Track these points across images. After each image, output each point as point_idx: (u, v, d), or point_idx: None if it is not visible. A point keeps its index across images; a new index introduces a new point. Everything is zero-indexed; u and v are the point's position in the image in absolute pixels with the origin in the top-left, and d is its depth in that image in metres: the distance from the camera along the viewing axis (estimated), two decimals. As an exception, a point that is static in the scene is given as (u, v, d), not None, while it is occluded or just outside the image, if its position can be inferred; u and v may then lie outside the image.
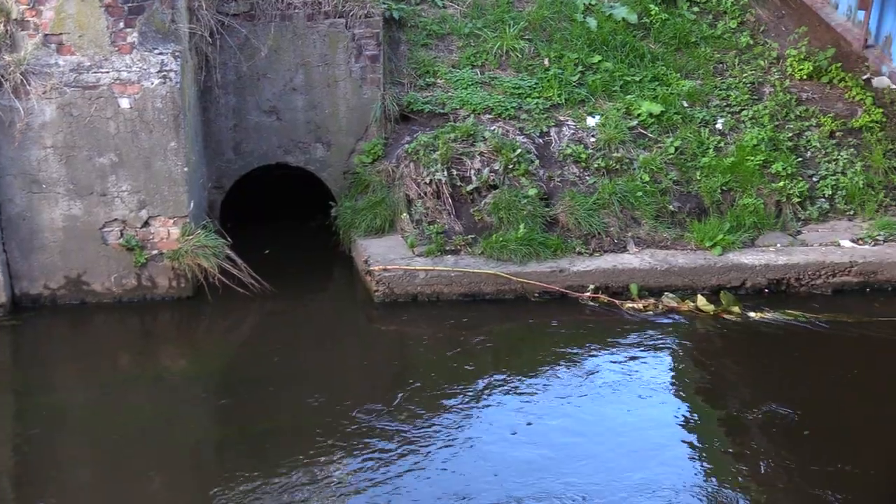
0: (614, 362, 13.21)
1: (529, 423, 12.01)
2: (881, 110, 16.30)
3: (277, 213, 15.74)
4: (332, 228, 15.30)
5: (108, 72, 13.20)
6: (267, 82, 15.07)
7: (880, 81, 16.48)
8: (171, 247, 13.80)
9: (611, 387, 12.71)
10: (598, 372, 13.01)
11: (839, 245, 15.00)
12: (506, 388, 12.66)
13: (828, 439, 11.82)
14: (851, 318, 14.11)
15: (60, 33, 13.16)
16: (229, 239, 14.16)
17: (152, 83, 13.24)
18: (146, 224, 13.71)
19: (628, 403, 12.43)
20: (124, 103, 13.27)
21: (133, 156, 13.45)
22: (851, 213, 15.56)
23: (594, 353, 13.42)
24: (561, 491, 10.86)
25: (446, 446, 11.56)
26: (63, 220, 13.58)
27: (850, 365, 13.35)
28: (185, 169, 13.60)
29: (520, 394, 12.53)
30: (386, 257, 14.43)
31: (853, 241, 15.07)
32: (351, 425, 11.87)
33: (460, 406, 12.27)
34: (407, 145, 15.20)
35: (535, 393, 12.56)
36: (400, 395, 12.47)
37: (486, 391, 12.58)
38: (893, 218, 15.43)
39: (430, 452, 11.46)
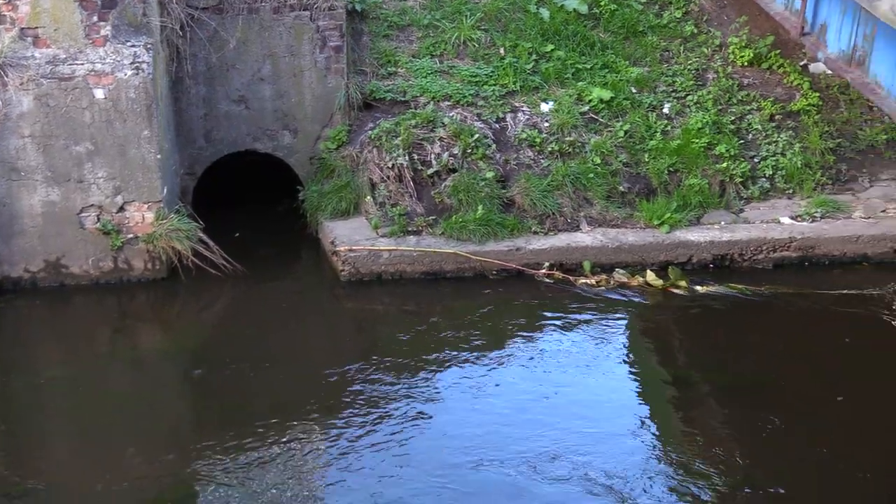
0: (569, 335, 13.27)
1: (491, 391, 12.10)
2: (817, 94, 16.39)
3: (247, 198, 15.67)
4: (300, 212, 15.25)
5: (82, 64, 13.12)
6: (236, 73, 14.99)
7: (816, 67, 16.57)
8: (145, 231, 13.73)
9: (566, 357, 12.78)
10: (554, 343, 13.08)
11: (779, 222, 15.07)
12: (468, 359, 12.71)
13: (771, 403, 11.95)
14: (791, 291, 14.21)
15: (36, 27, 13.06)
16: (201, 223, 14.09)
17: (125, 74, 13.17)
18: (122, 209, 13.64)
19: (583, 372, 12.52)
20: (99, 94, 13.20)
21: (108, 144, 13.38)
22: (790, 191, 15.62)
23: (550, 326, 13.47)
24: (520, 453, 10.97)
25: (413, 415, 11.61)
26: (42, 206, 13.48)
27: (791, 333, 13.49)
28: (159, 156, 13.55)
29: (481, 365, 12.58)
30: (351, 238, 14.40)
31: (792, 218, 15.15)
32: (321, 397, 11.90)
33: (425, 377, 12.31)
34: (370, 132, 15.16)
35: (496, 364, 12.62)
36: (367, 367, 12.49)
37: (449, 363, 12.62)
38: (830, 196, 15.51)
39: (397, 419, 11.51)
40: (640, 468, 10.85)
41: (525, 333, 13.28)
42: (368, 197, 14.77)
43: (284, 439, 11.09)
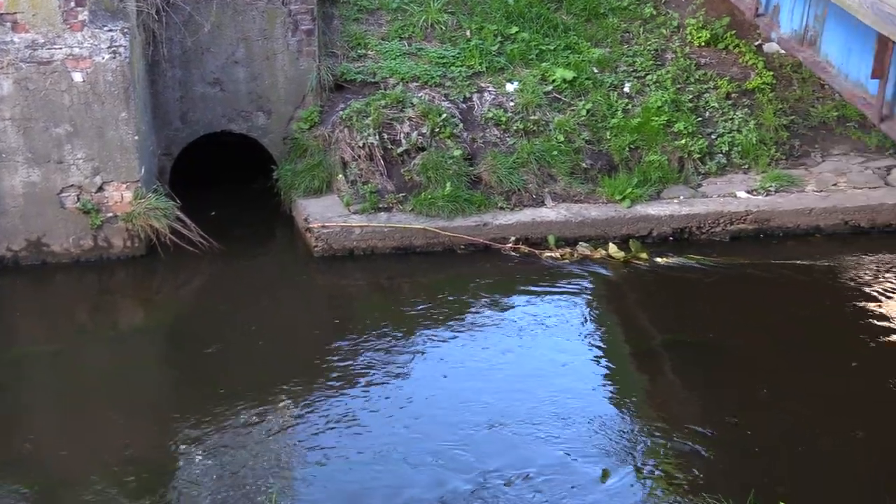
0: (535, 305, 13.30)
1: (463, 360, 12.16)
2: (771, 73, 16.45)
3: (223, 178, 15.58)
4: (274, 190, 15.19)
5: (61, 48, 13.02)
6: (210, 56, 14.90)
7: (770, 47, 16.61)
8: (124, 209, 13.65)
9: (533, 327, 12.81)
10: (521, 314, 13.10)
11: (736, 196, 15.12)
12: (438, 330, 12.71)
13: (727, 365, 12.10)
14: (747, 261, 14.27)
15: (15, 12, 12.94)
16: (179, 201, 14.03)
17: (103, 58, 13.08)
18: (101, 189, 13.55)
19: (550, 341, 12.57)
20: (77, 77, 13.11)
21: (87, 126, 13.29)
22: (746, 166, 15.67)
23: (517, 298, 13.49)
24: (489, 416, 11.02)
25: (387, 384, 11.62)
26: (23, 187, 13.38)
27: (747, 301, 13.56)
28: (136, 137, 13.47)
29: (452, 335, 12.60)
30: (324, 215, 14.36)
31: (748, 192, 15.20)
32: (297, 368, 11.88)
33: (398, 348, 12.32)
34: (341, 112, 15.11)
35: (466, 334, 12.65)
36: (341, 340, 12.49)
37: (420, 334, 12.64)
38: (784, 171, 15.57)
39: (372, 389, 11.51)
40: (604, 425, 10.96)
41: (493, 305, 13.29)
42: (340, 175, 14.73)
43: (262, 411, 11.07)
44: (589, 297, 13.64)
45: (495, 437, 10.70)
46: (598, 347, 12.58)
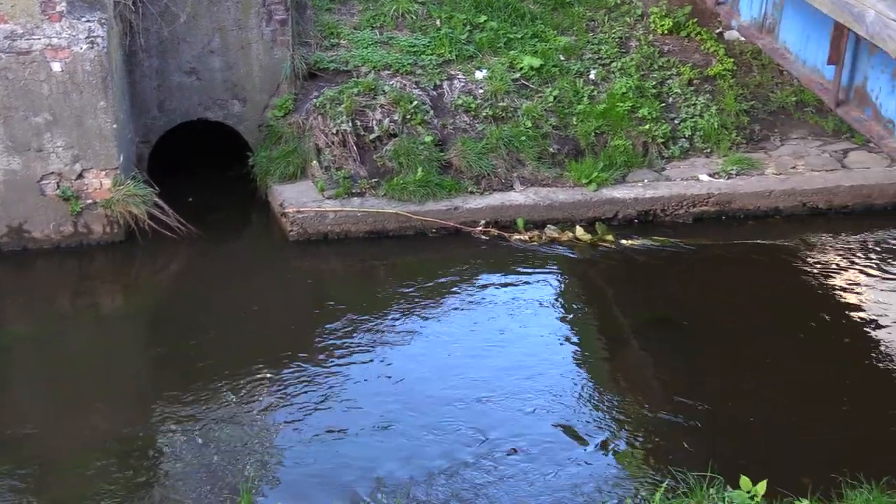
0: (506, 286, 13.35)
1: (436, 339, 12.22)
2: (732, 60, 16.53)
3: (200, 164, 15.54)
4: (250, 176, 15.18)
5: (39, 38, 12.98)
6: (186, 46, 14.85)
7: (730, 34, 16.69)
8: (103, 196, 13.63)
9: (503, 307, 12.88)
10: (491, 295, 13.15)
11: (698, 179, 15.19)
12: (412, 311, 12.77)
13: (694, 343, 12.16)
14: (710, 242, 14.36)
15: (-5, 4, 12.91)
16: (157, 188, 14.01)
17: (81, 48, 13.03)
18: (80, 176, 13.52)
19: (520, 320, 12.64)
20: (56, 67, 13.07)
21: (66, 115, 13.25)
22: (708, 150, 15.74)
23: (487, 279, 13.53)
24: (464, 390, 11.14)
25: (360, 364, 11.68)
26: (3, 175, 13.34)
27: (709, 280, 13.70)
28: (115, 126, 13.43)
29: (424, 315, 12.66)
30: (299, 200, 14.36)
31: (710, 175, 15.28)
32: (274, 349, 11.90)
33: (372, 329, 12.36)
34: (315, 100, 15.12)
35: (438, 314, 12.70)
36: (317, 321, 12.55)
37: (394, 315, 12.67)
38: (744, 154, 15.64)
39: (346, 369, 11.56)
40: (573, 397, 11.10)
41: (464, 286, 13.33)
42: (314, 161, 14.74)
43: (241, 391, 11.09)
44: (557, 278, 13.70)
45: (468, 411, 10.76)
46: (567, 327, 12.65)
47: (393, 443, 10.30)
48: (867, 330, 12.43)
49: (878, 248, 14.36)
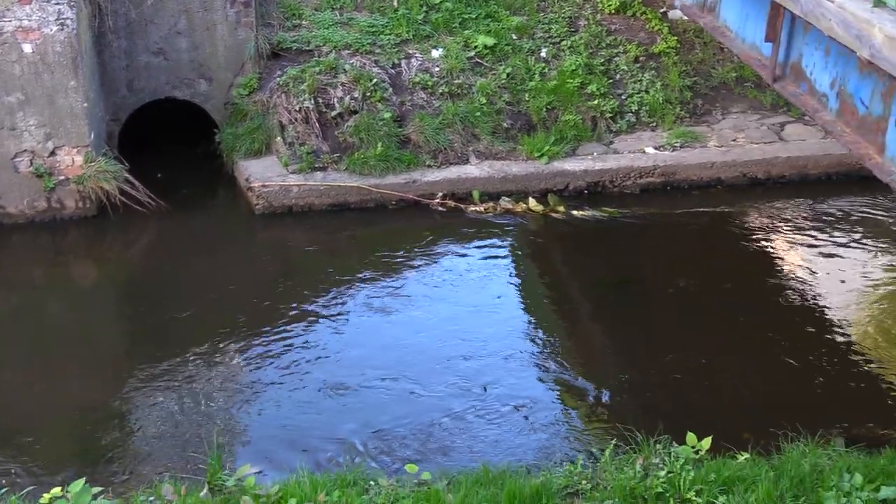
0: (463, 255, 13.39)
1: (397, 306, 12.24)
2: (676, 38, 16.58)
3: (169, 141, 15.41)
4: (217, 153, 15.10)
5: (10, 21, 12.84)
6: (154, 27, 14.72)
7: (674, 14, 16.73)
8: (75, 172, 13.53)
9: (461, 274, 12.95)
10: (449, 263, 13.21)
11: (644, 152, 15.26)
12: (373, 278, 12.80)
13: (642, 308, 12.24)
14: (656, 212, 14.47)
15: (-34, -13, 12.74)
16: (127, 164, 13.92)
17: (51, 30, 12.91)
18: (53, 153, 13.42)
19: (477, 287, 12.70)
20: (27, 48, 12.94)
21: (38, 94, 13.14)
22: (654, 124, 15.80)
23: (445, 248, 13.56)
24: (422, 354, 11.19)
25: (324, 328, 11.71)
26: (-22, 153, 13.24)
27: (655, 247, 13.81)
28: (85, 104, 13.33)
29: (386, 283, 12.69)
30: (264, 175, 14.31)
31: (655, 148, 15.35)
32: (242, 316, 11.87)
33: (335, 296, 12.39)
34: (278, 78, 15.06)
35: (399, 282, 12.75)
36: (282, 290, 12.52)
37: (356, 282, 12.70)
38: (688, 128, 15.73)
39: (311, 333, 11.58)
40: (527, 360, 11.17)
41: (423, 255, 13.35)
42: (278, 137, 14.68)
43: (210, 357, 11.08)
44: (511, 247, 13.74)
45: (426, 374, 10.80)
46: (521, 293, 12.70)
47: (353, 406, 10.32)
48: (803, 292, 12.55)
49: (813, 216, 14.50)
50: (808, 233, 14.05)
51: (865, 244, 13.76)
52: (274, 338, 11.47)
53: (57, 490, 7.25)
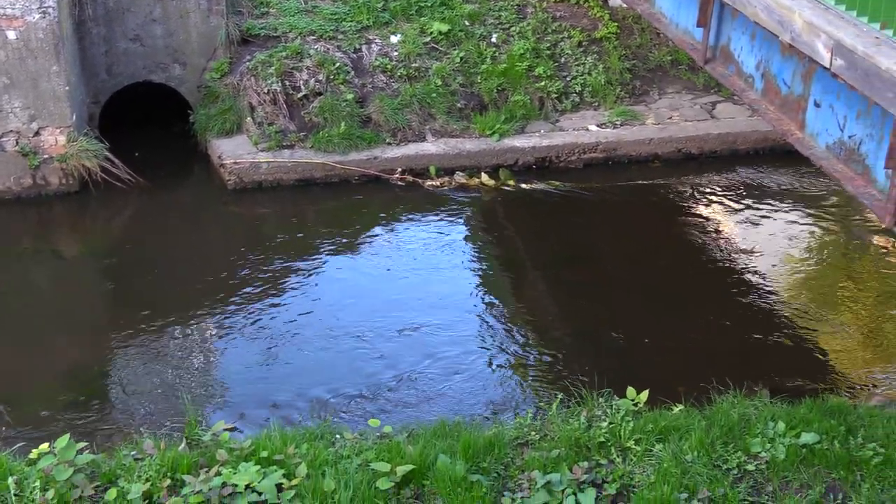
0: (421, 226, 13.40)
1: (360, 272, 12.26)
2: (616, 24, 16.56)
3: (146, 122, 15.25)
4: (191, 132, 14.96)
5: (-5, 9, 12.67)
6: (131, 15, 14.54)
7: (614, 2, 16.73)
8: (59, 151, 13.37)
9: (419, 243, 12.96)
10: (408, 233, 13.22)
11: (588, 129, 15.26)
12: (338, 248, 12.83)
13: (586, 272, 12.32)
14: (598, 185, 14.50)
15: (-48, -22, 12.52)
16: (107, 143, 13.77)
17: (34, 18, 12.73)
18: (37, 134, 13.26)
19: (434, 255, 12.72)
20: (11, 35, 12.76)
21: (22, 78, 12.97)
22: (596, 104, 15.80)
23: (405, 220, 13.57)
24: (385, 316, 11.19)
25: (295, 293, 11.72)
26: (-33, 133, 13.06)
27: (598, 217, 13.86)
28: (67, 88, 13.16)
29: (350, 252, 12.72)
30: (235, 153, 14.21)
31: (598, 126, 15.36)
32: (217, 284, 11.83)
33: (304, 263, 12.39)
34: (248, 63, 14.92)
35: (360, 252, 12.73)
36: (254, 258, 12.47)
37: (323, 251, 12.70)
38: (627, 107, 15.76)
39: (283, 297, 11.56)
40: (482, 323, 11.22)
41: (384, 226, 13.34)
42: (248, 118, 14.57)
43: (186, 321, 11.04)
44: (466, 218, 13.74)
45: (388, 337, 10.81)
46: (475, 261, 12.72)
47: (319, 365, 10.32)
48: (734, 257, 12.65)
49: (741, 186, 14.60)
50: (738, 203, 14.14)
51: (790, 212, 13.88)
52: (246, 302, 11.43)
53: (44, 446, 7.25)
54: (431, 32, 15.84)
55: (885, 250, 12.87)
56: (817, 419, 7.91)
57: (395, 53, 15.49)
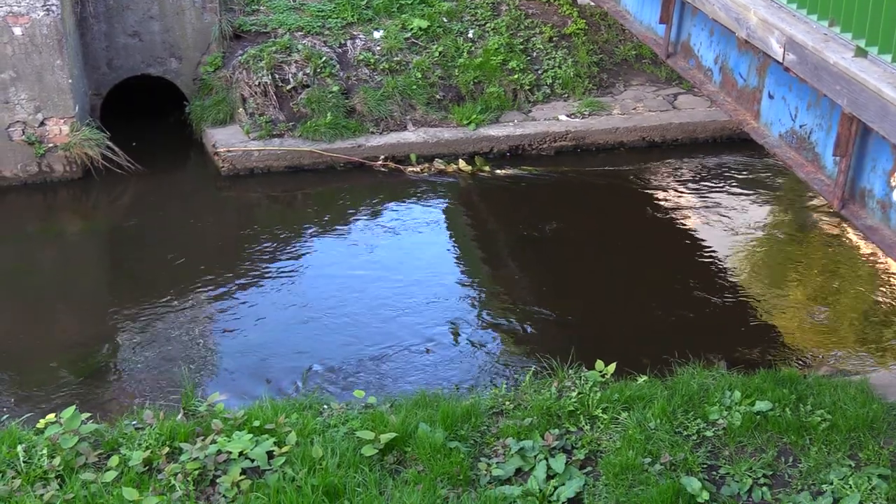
0: (404, 209, 13.37)
1: (347, 251, 12.22)
2: (584, 21, 16.53)
3: (145, 112, 15.15)
4: (187, 122, 14.86)
5: (1, 7, 12.57)
6: (130, 12, 14.42)
7: (583, 0, 16.63)
8: (63, 140, 13.28)
9: (401, 225, 12.92)
10: (391, 215, 13.19)
11: (558, 119, 15.24)
12: (325, 229, 12.79)
13: (559, 252, 12.30)
14: (568, 170, 14.48)
15: (-39, -23, 12.39)
16: (108, 133, 13.68)
17: (39, 15, 12.63)
18: (42, 124, 13.15)
19: (414, 237, 12.69)
20: (17, 31, 12.66)
21: (28, 72, 12.86)
22: (566, 96, 15.77)
23: (388, 203, 13.52)
24: (368, 295, 11.12)
25: (286, 271, 11.66)
26: (-24, 124, 12.94)
27: (568, 200, 13.84)
28: (70, 80, 13.07)
29: (336, 233, 12.70)
30: (228, 142, 14.13)
31: (568, 116, 15.33)
32: (212, 262, 11.80)
33: (294, 244, 12.35)
34: (240, 57, 14.82)
35: (346, 233, 12.71)
36: (247, 240, 12.44)
37: (311, 233, 12.69)
38: (595, 98, 15.73)
39: (272, 278, 11.49)
40: (459, 300, 11.17)
41: (368, 209, 13.31)
42: (241, 109, 14.49)
43: (184, 299, 10.98)
44: (445, 202, 13.71)
45: (372, 314, 10.78)
46: (453, 241, 12.71)
47: (308, 340, 10.29)
48: (694, 237, 12.68)
49: (701, 172, 14.61)
50: (697, 186, 14.17)
51: (746, 197, 13.91)
52: (240, 281, 11.39)
53: (51, 416, 7.24)
54: (412, 28, 15.76)
55: (833, 233, 12.92)
56: (770, 388, 7.95)
57: (378, 48, 15.42)
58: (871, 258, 12.11)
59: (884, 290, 11.54)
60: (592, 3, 16.05)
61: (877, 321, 10.93)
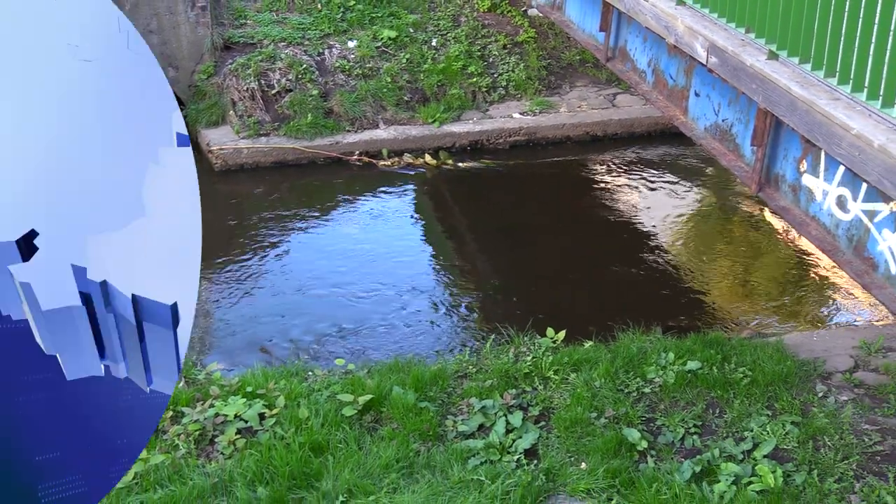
0: (376, 199, 13.31)
1: (327, 237, 12.19)
2: (534, 30, 16.53)
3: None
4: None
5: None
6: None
7: (532, 11, 16.61)
8: (72, 142, 13.08)
9: (374, 213, 12.87)
10: (366, 204, 13.15)
11: (512, 117, 15.24)
12: (309, 216, 12.71)
13: (515, 235, 12.28)
14: (521, 162, 14.50)
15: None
16: (112, 134, 13.51)
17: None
18: (53, 127, 12.96)
19: (387, 224, 12.64)
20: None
21: (39, 81, 12.64)
22: (519, 96, 15.77)
23: (363, 194, 13.46)
24: (348, 275, 11.06)
25: (274, 256, 11.60)
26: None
27: (522, 189, 13.83)
28: (77, 88, 12.87)
29: (318, 220, 12.63)
30: (220, 141, 14.03)
31: (521, 113, 15.33)
32: (206, 248, 11.55)
33: (279, 230, 12.26)
34: (230, 65, 14.70)
35: (327, 220, 12.65)
36: (239, 228, 12.35)
37: (296, 220, 12.59)
38: (545, 98, 15.73)
39: (262, 262, 11.44)
40: (427, 279, 11.17)
41: (346, 199, 13.26)
42: (231, 111, 14.38)
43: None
44: (413, 191, 13.70)
45: (351, 292, 10.78)
46: (421, 227, 12.70)
47: (295, 316, 10.27)
48: (633, 220, 12.75)
49: (638, 162, 14.68)
50: (635, 175, 14.23)
51: (677, 183, 14.00)
52: (232, 264, 11.34)
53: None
54: (382, 38, 15.71)
55: (752, 213, 13.05)
56: (699, 350, 8.03)
57: (352, 56, 15.34)
58: (785, 235, 12.25)
59: (795, 262, 11.68)
60: (541, 15, 16.04)
61: (790, 290, 11.06)
